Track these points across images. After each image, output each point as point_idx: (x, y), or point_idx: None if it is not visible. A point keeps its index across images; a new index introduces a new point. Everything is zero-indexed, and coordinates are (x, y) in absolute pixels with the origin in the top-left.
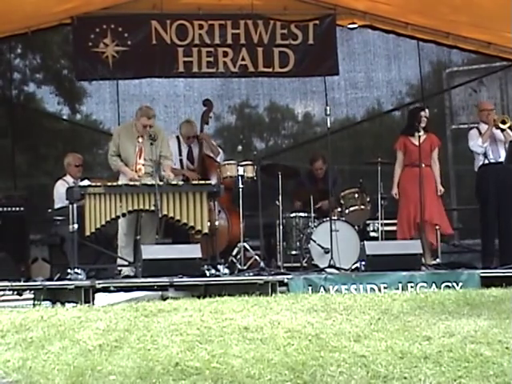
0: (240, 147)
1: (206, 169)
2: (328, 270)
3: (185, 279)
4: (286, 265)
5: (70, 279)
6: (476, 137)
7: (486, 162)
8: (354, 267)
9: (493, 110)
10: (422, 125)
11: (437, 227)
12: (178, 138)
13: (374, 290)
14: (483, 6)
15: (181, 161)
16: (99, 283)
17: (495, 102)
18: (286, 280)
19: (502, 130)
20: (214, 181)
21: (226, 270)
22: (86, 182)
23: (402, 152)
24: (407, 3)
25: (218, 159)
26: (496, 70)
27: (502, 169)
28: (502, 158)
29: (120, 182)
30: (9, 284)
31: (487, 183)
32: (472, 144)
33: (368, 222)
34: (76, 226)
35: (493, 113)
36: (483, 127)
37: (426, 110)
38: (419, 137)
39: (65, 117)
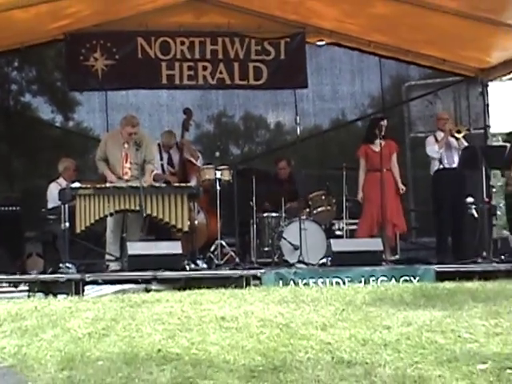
0: (217, 153)
1: (186, 172)
2: (297, 265)
3: (167, 273)
4: (259, 260)
5: (61, 273)
6: (432, 143)
7: (441, 167)
8: (321, 262)
9: (449, 120)
10: (382, 133)
11: (395, 229)
12: (159, 145)
13: (339, 283)
14: (439, 25)
15: (162, 165)
16: (88, 276)
17: (449, 113)
18: (259, 274)
19: (457, 139)
20: (193, 183)
21: (205, 265)
22: (76, 184)
23: (364, 159)
24: (371, 23)
25: (198, 163)
26: (450, 84)
27: (455, 174)
28: (456, 164)
29: (108, 184)
30: (5, 277)
31: (442, 187)
32: (429, 149)
33: (334, 221)
34: (67, 224)
35: (449, 122)
36: (440, 135)
37: (385, 120)
38: (380, 144)
39: (58, 124)
